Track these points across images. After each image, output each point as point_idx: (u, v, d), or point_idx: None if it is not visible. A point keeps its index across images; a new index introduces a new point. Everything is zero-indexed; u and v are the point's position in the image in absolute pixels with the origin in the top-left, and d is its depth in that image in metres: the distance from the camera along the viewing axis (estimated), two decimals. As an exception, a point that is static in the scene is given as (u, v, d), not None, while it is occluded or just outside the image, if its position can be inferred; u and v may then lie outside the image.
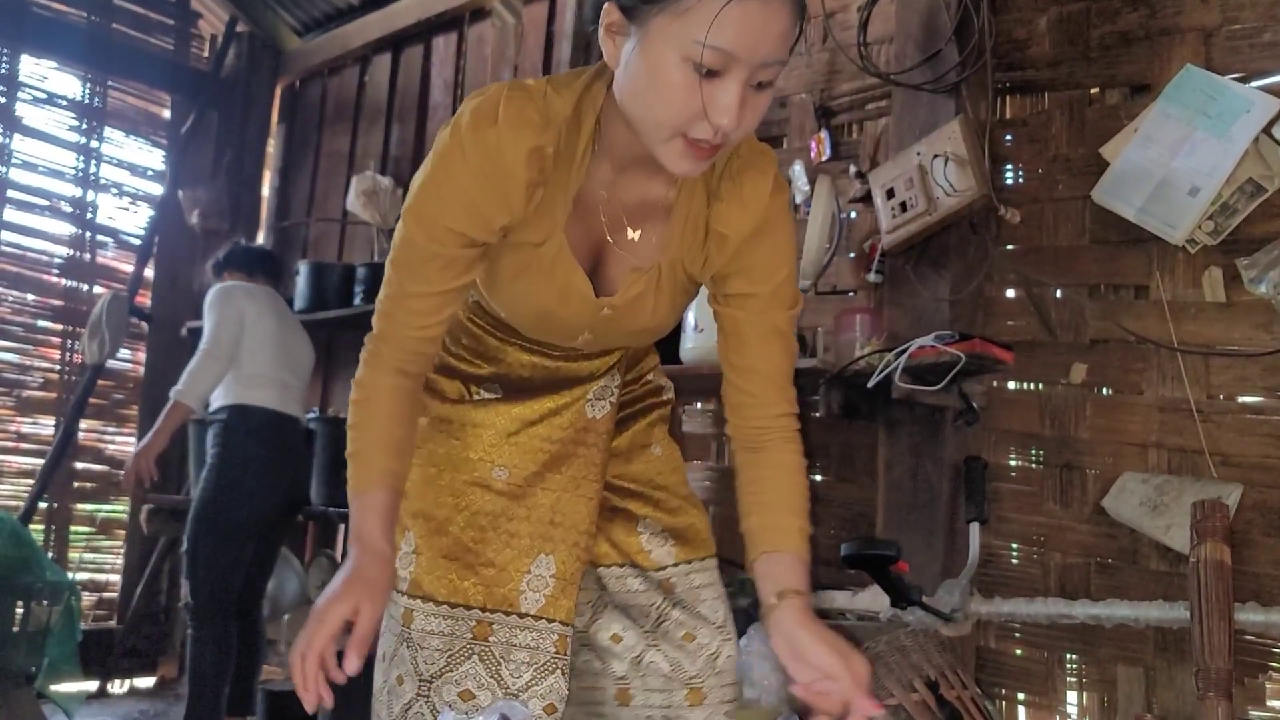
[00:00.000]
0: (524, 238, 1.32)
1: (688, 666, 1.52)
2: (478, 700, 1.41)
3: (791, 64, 3.29)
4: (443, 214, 1.27)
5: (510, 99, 1.24)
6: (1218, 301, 2.49)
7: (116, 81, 4.65)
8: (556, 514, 1.49)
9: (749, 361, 1.42)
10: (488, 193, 1.25)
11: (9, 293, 4.30)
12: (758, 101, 1.18)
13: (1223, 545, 2.15)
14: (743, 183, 1.36)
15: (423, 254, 1.30)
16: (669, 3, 1.12)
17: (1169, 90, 2.56)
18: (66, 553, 4.41)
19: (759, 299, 1.40)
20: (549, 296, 1.38)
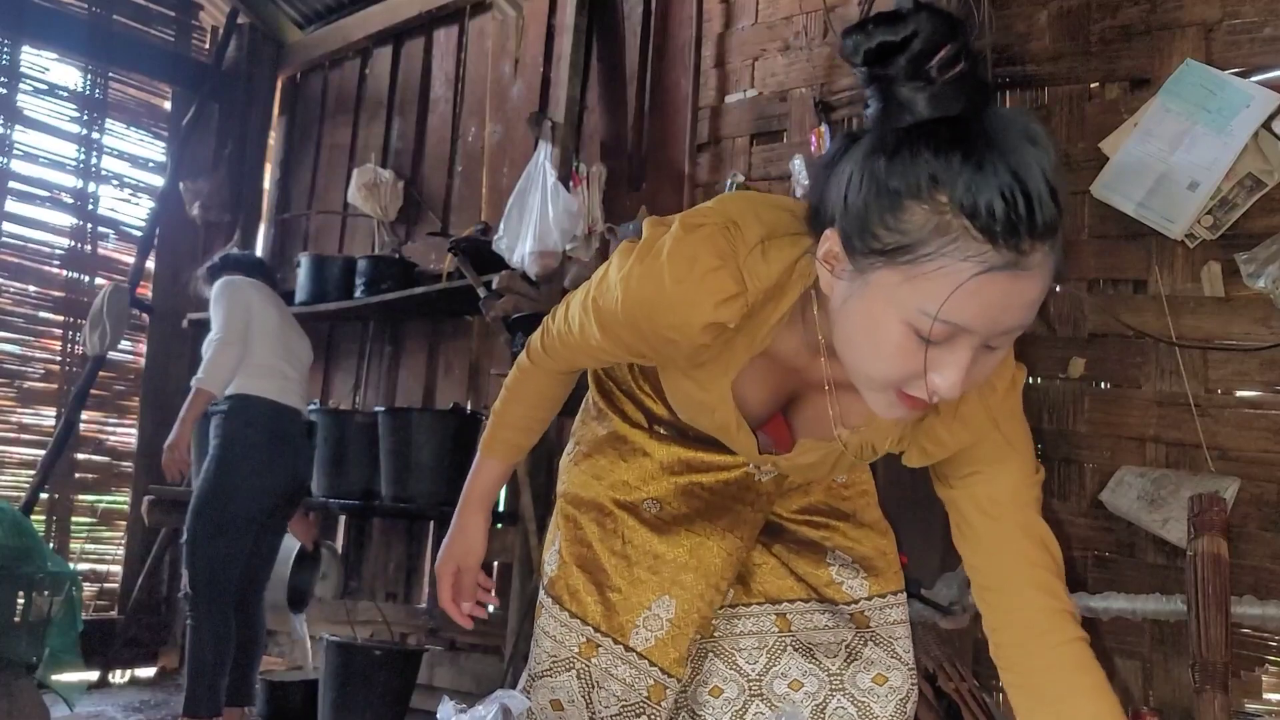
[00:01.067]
0: (691, 375, 1.24)
1: (877, 711, 1.43)
2: (564, 714, 1.40)
3: (791, 58, 3.32)
4: (613, 327, 1.20)
5: (710, 252, 1.09)
6: (1216, 296, 2.49)
7: (117, 73, 4.64)
8: (694, 558, 1.42)
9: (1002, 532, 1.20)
10: (655, 338, 1.16)
11: (10, 284, 4.31)
12: (988, 361, 1.01)
13: (1220, 539, 2.16)
14: (961, 400, 1.13)
15: (586, 339, 1.27)
16: (900, 259, 0.94)
17: (1169, 85, 2.56)
18: (68, 543, 4.42)
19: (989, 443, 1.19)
20: (713, 428, 1.30)
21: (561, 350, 1.36)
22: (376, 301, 3.83)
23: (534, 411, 1.49)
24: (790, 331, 1.17)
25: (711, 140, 3.48)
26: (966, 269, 0.91)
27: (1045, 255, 0.93)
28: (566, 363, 1.39)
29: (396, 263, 3.96)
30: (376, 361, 4.25)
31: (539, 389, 1.46)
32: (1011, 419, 1.20)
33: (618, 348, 1.24)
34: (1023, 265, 0.92)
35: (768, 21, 3.41)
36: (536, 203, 3.31)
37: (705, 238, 1.09)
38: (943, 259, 0.92)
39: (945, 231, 0.92)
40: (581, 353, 1.33)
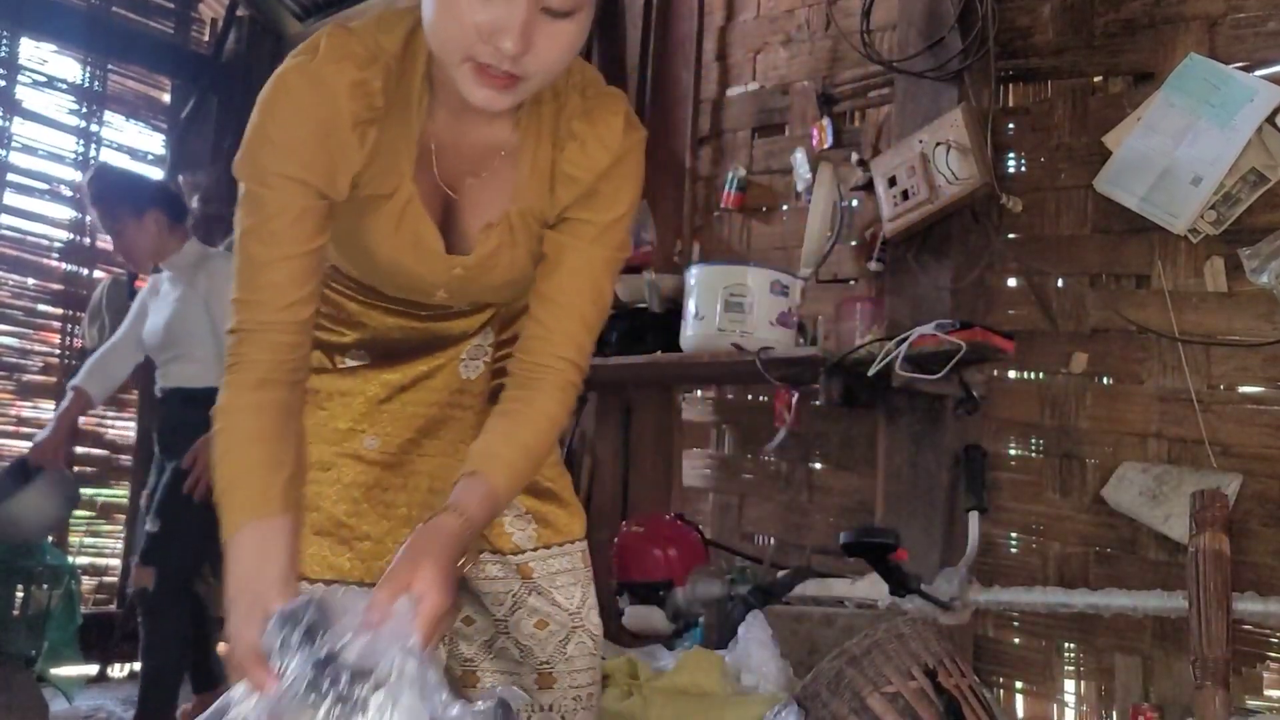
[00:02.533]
0: (371, 189, 1.24)
1: (538, 653, 1.48)
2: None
3: (793, 51, 3.30)
4: (277, 161, 1.16)
5: (332, 34, 1.17)
6: (1219, 291, 2.48)
7: (116, 65, 4.62)
8: (436, 480, 1.44)
9: (553, 292, 1.31)
10: (315, 131, 1.16)
11: (9, 277, 4.29)
12: (555, 30, 1.10)
13: (1221, 535, 2.15)
14: (594, 122, 1.28)
15: (267, 210, 1.17)
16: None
17: (1172, 79, 2.55)
18: (67, 536, 4.41)
19: (589, 228, 1.31)
20: (400, 251, 1.30)
21: (252, 287, 1.19)
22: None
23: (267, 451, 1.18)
24: (436, 108, 1.24)
25: (713, 133, 3.47)
26: None
27: None
28: (265, 306, 1.18)
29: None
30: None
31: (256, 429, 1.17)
32: (635, 152, 1.31)
33: (291, 190, 1.16)
34: None
35: (769, 14, 3.40)
36: (537, 196, 3.30)
37: (315, 36, 1.17)
38: None
39: None
40: (268, 252, 1.17)
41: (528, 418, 1.30)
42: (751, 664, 2.22)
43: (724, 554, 2.99)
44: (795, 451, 3.11)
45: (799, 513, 3.10)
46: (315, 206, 1.20)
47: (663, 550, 2.75)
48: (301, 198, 1.18)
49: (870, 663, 1.88)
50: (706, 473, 3.35)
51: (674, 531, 2.83)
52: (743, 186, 3.32)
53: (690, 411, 3.43)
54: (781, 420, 3.08)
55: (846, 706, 1.83)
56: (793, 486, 3.12)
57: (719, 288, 2.75)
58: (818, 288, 3.06)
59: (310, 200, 1.19)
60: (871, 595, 2.42)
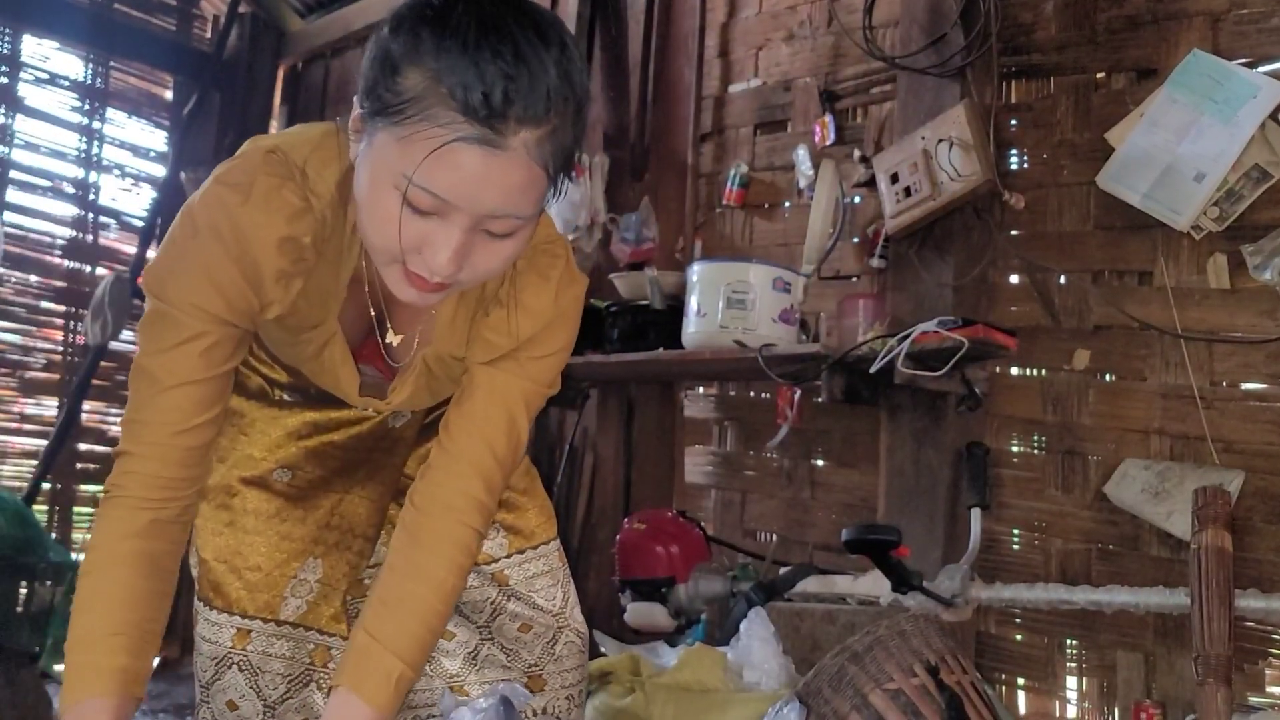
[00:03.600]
0: (295, 321, 1.20)
1: (525, 656, 1.49)
2: (241, 711, 1.34)
3: (795, 47, 3.30)
4: (194, 293, 1.11)
5: (267, 174, 1.10)
6: (1222, 288, 2.48)
7: (119, 62, 4.62)
8: (335, 516, 1.42)
9: (465, 419, 1.26)
10: (234, 277, 1.11)
11: (12, 274, 4.29)
12: (493, 248, 1.04)
13: (1224, 532, 2.15)
14: (524, 288, 1.23)
15: (177, 335, 1.12)
16: (391, 119, 0.98)
17: (1175, 75, 2.54)
18: (70, 533, 4.42)
19: (512, 362, 1.26)
20: (321, 376, 1.28)
21: (148, 407, 1.13)
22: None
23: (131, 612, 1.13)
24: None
25: (715, 130, 3.47)
26: (441, 135, 0.95)
27: (530, 141, 0.97)
28: (158, 429, 1.13)
29: (398, 253, 3.95)
30: (378, 352, 4.24)
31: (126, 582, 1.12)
32: (571, 309, 1.28)
33: (201, 318, 1.12)
34: (498, 144, 0.95)
35: (771, 10, 3.39)
36: (538, 193, 3.30)
37: (256, 163, 1.11)
38: (424, 124, 0.95)
39: (429, 96, 0.95)
40: (171, 373, 1.12)
41: (415, 593, 1.21)
42: (753, 661, 2.21)
43: (726, 551, 2.99)
44: (797, 448, 3.10)
45: (801, 509, 3.10)
46: (229, 336, 1.15)
47: (665, 547, 2.75)
48: (215, 329, 1.13)
49: (872, 659, 1.88)
50: (709, 469, 3.35)
51: (676, 528, 2.83)
52: (745, 183, 3.32)
53: (692, 408, 3.43)
54: (783, 417, 3.07)
55: (848, 703, 1.83)
56: (795, 483, 3.12)
57: (721, 284, 2.75)
58: (820, 285, 3.05)
59: (224, 332, 1.14)
60: (873, 592, 2.42)
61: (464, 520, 1.24)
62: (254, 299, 1.13)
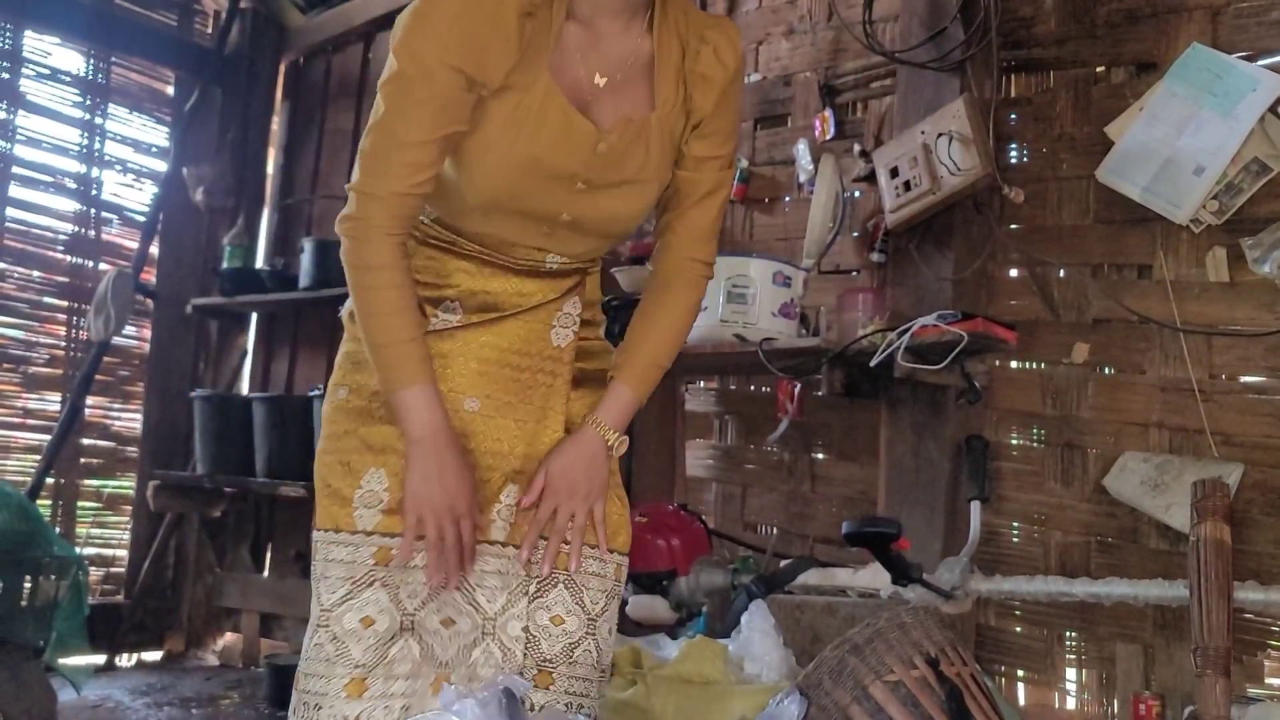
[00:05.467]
0: (514, 81, 1.33)
1: (545, 648, 1.49)
2: (376, 625, 1.40)
3: (795, 42, 3.30)
4: (439, 49, 1.27)
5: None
6: (1221, 281, 2.49)
7: (120, 57, 4.62)
8: (520, 444, 1.49)
9: (688, 214, 1.52)
10: (483, 22, 1.27)
11: (15, 269, 4.30)
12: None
13: (1223, 524, 2.16)
14: (721, 29, 1.47)
15: (418, 95, 1.28)
16: None
17: (1175, 69, 2.55)
18: (74, 528, 4.43)
19: (717, 162, 1.50)
20: (540, 144, 1.37)
21: (389, 160, 1.32)
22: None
23: (415, 309, 1.40)
24: (574, 10, 1.38)
25: (715, 125, 3.46)
26: None
27: None
28: (396, 179, 1.33)
29: (400, 248, 3.95)
30: (381, 346, 4.25)
31: (405, 282, 1.38)
32: (741, 79, 1.53)
33: (448, 79, 1.28)
34: None
35: (771, 5, 3.40)
36: (540, 188, 3.30)
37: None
38: None
39: None
40: (412, 134, 1.30)
41: (659, 316, 1.52)
42: (754, 653, 2.23)
43: (727, 543, 3.00)
44: (798, 442, 3.12)
45: (802, 502, 3.12)
46: (464, 99, 1.30)
47: (666, 540, 2.76)
48: (455, 87, 1.29)
49: (872, 651, 1.89)
50: (710, 463, 3.36)
51: (677, 521, 2.84)
52: (745, 178, 3.33)
53: (693, 402, 3.44)
54: (784, 410, 3.08)
55: (849, 695, 1.84)
56: (795, 476, 3.13)
57: (722, 279, 2.75)
58: (820, 279, 3.06)
59: (461, 91, 1.29)
60: (874, 585, 2.43)
61: (695, 273, 1.54)
62: (499, 46, 1.29)
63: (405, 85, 1.29)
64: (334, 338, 4.76)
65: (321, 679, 1.40)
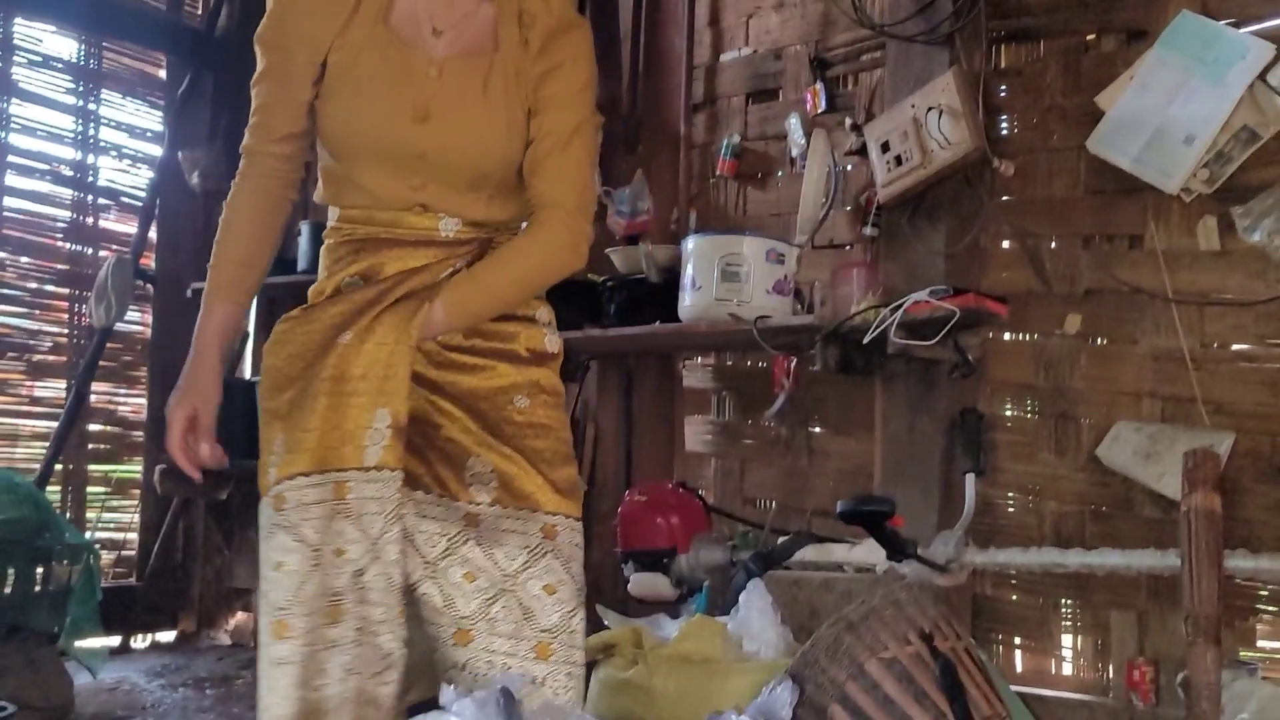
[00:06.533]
0: (350, 39, 1.53)
1: (541, 619, 1.52)
2: (349, 555, 1.46)
3: (785, 15, 3.28)
4: (289, 25, 1.56)
5: None
6: (1212, 250, 2.50)
7: (111, 43, 4.61)
8: (389, 368, 1.52)
9: (541, 159, 1.58)
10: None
11: (15, 258, 4.32)
12: None
13: (1213, 494, 2.18)
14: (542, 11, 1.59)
15: (278, 70, 1.56)
16: None
17: (1165, 36, 2.54)
18: (84, 513, 4.48)
19: (560, 96, 1.59)
20: (380, 81, 1.53)
21: (259, 118, 1.58)
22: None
23: (252, 243, 1.60)
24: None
25: (707, 100, 3.46)
26: None
27: None
28: (267, 133, 1.58)
29: (396, 229, 3.96)
30: (380, 327, 4.27)
31: (253, 207, 1.60)
32: (580, 36, 1.65)
33: (299, 47, 1.54)
34: None
35: (761, -22, 3.38)
36: (533, 168, 3.29)
37: None
38: None
39: None
40: (273, 95, 1.57)
41: (495, 257, 1.58)
42: (752, 631, 2.26)
43: (726, 519, 3.03)
44: (795, 416, 3.14)
45: (799, 477, 3.14)
46: (313, 63, 1.54)
47: (665, 518, 2.79)
48: (305, 52, 1.54)
49: (867, 629, 1.92)
50: (708, 438, 3.39)
51: (676, 499, 2.87)
52: (738, 153, 3.32)
53: (691, 378, 3.46)
54: (780, 386, 3.11)
55: (845, 672, 1.87)
56: (793, 451, 3.16)
57: (715, 257, 2.77)
58: (814, 253, 3.07)
59: (310, 56, 1.54)
60: (870, 559, 2.46)
61: (552, 220, 1.59)
62: (325, 21, 1.53)
63: (269, 66, 1.58)
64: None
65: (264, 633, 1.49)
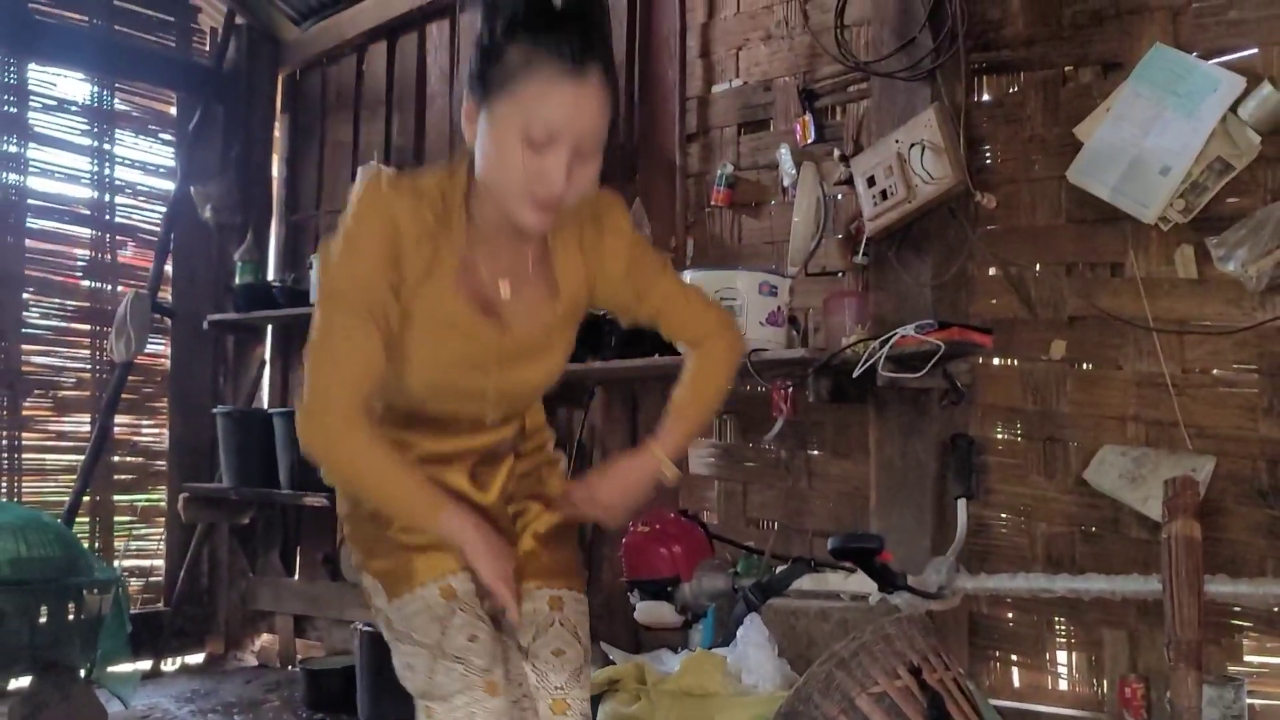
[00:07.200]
0: (422, 302, 1.51)
1: (553, 679, 1.65)
2: (480, 638, 1.57)
3: (774, 47, 3.36)
4: (363, 263, 1.46)
5: (389, 176, 1.49)
6: (1190, 278, 2.56)
7: (123, 83, 4.72)
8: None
9: (673, 320, 1.72)
10: (387, 244, 1.46)
11: (38, 298, 4.45)
12: (584, 171, 1.45)
13: (1193, 521, 2.24)
14: (603, 209, 1.63)
15: (354, 301, 1.46)
16: (504, 88, 1.40)
17: (1139, 69, 2.61)
18: (112, 541, 4.62)
19: (658, 286, 1.69)
20: (454, 348, 1.55)
21: (336, 347, 1.48)
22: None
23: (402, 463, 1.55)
24: (474, 233, 1.54)
25: (700, 130, 3.53)
26: (548, 84, 1.38)
27: (599, 72, 1.41)
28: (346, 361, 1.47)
29: (404, 261, 4.05)
30: (392, 356, 4.37)
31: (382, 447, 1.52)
32: (638, 242, 1.69)
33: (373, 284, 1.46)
34: (583, 75, 1.39)
35: (749, 11, 3.44)
36: (533, 202, 3.37)
37: (376, 175, 1.48)
38: (531, 80, 1.38)
39: (531, 60, 1.39)
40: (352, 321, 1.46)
41: (694, 394, 1.75)
42: (750, 665, 2.36)
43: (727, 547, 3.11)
44: (793, 440, 3.22)
45: (800, 499, 3.23)
46: (389, 298, 1.48)
47: (668, 548, 2.86)
48: (380, 289, 1.47)
49: (858, 665, 2.01)
50: (711, 461, 3.47)
51: (678, 528, 2.95)
52: (731, 183, 3.39)
53: (693, 402, 3.53)
54: (779, 410, 3.18)
55: (837, 708, 1.96)
56: (793, 474, 3.24)
57: (710, 292, 2.84)
58: (807, 280, 3.15)
59: (385, 292, 1.47)
60: (865, 589, 2.54)
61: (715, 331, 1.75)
62: (403, 258, 1.47)
63: (342, 297, 1.47)
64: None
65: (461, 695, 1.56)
